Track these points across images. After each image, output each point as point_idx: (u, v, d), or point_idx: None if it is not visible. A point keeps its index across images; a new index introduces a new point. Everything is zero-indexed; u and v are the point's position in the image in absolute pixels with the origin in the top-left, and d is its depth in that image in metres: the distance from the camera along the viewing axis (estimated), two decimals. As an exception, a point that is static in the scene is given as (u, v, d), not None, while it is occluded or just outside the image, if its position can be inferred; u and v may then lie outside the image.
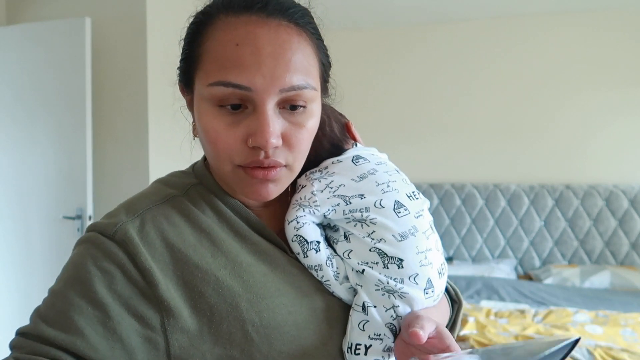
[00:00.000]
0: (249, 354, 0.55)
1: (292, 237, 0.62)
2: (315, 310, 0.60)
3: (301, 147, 0.58)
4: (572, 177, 3.31)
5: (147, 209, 0.59)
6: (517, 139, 3.40)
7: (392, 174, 0.66)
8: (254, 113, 0.55)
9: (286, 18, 0.55)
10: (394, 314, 0.59)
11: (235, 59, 0.53)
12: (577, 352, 1.98)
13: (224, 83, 0.53)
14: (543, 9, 3.24)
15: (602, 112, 3.23)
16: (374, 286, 0.60)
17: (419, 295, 0.60)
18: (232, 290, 0.56)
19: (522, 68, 3.38)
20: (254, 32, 0.53)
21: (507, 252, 3.36)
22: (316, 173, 0.67)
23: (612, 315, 2.37)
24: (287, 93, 0.54)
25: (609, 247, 3.16)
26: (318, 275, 0.62)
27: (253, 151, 0.55)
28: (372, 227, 0.61)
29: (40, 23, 2.56)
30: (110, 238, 0.55)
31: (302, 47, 0.56)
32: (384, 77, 3.62)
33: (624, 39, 3.19)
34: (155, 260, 0.55)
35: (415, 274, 0.60)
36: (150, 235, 0.57)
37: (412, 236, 0.61)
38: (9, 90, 2.61)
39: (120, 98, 2.66)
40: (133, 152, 2.64)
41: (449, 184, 3.50)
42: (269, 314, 0.56)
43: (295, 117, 0.57)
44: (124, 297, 0.53)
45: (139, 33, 2.59)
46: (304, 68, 0.56)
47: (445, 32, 3.53)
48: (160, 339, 0.54)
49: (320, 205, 0.63)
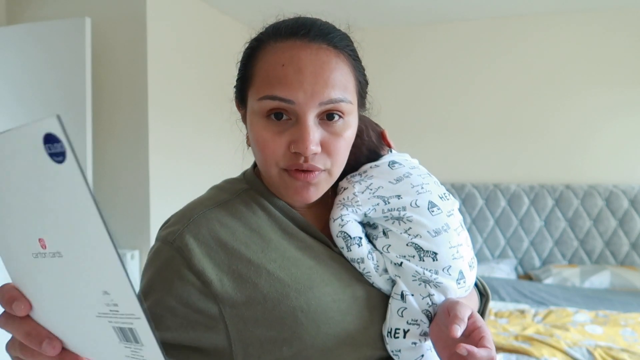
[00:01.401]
0: (299, 336, 0.62)
1: (337, 233, 0.69)
2: (357, 298, 0.66)
3: (338, 154, 0.66)
4: (572, 177, 3.31)
5: (202, 212, 0.68)
6: (517, 139, 3.40)
7: (425, 177, 0.74)
8: (296, 124, 0.63)
9: (326, 42, 0.64)
10: (430, 301, 0.66)
11: (281, 77, 0.62)
12: (577, 352, 1.98)
13: (270, 97, 0.62)
14: (543, 9, 3.24)
15: (602, 112, 3.23)
16: (411, 277, 0.66)
17: (452, 285, 0.67)
18: (282, 282, 0.64)
19: (522, 68, 3.38)
20: (298, 55, 0.62)
21: (507, 252, 3.36)
22: (356, 176, 0.74)
23: (612, 315, 2.37)
24: (325, 106, 0.62)
25: (609, 247, 3.16)
26: (360, 267, 0.68)
27: (295, 156, 0.64)
28: (409, 224, 0.68)
29: (40, 23, 2.56)
30: (170, 246, 0.65)
31: (339, 66, 0.64)
32: (383, 77, 3.62)
33: (624, 39, 3.19)
34: (210, 259, 0.64)
35: (449, 266, 0.67)
36: (205, 236, 0.65)
37: (444, 232, 0.68)
38: (9, 90, 2.61)
39: (120, 98, 2.66)
40: (133, 152, 2.64)
41: (449, 184, 3.50)
42: (316, 302, 0.63)
43: (333, 127, 0.65)
44: (184, 298, 0.63)
45: (139, 33, 2.60)
46: (341, 84, 0.64)
47: (445, 32, 3.53)
48: (221, 325, 0.63)
49: (362, 205, 0.70)
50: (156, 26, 2.64)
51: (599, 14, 3.23)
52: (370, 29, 3.64)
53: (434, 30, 3.55)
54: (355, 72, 0.68)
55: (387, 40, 3.63)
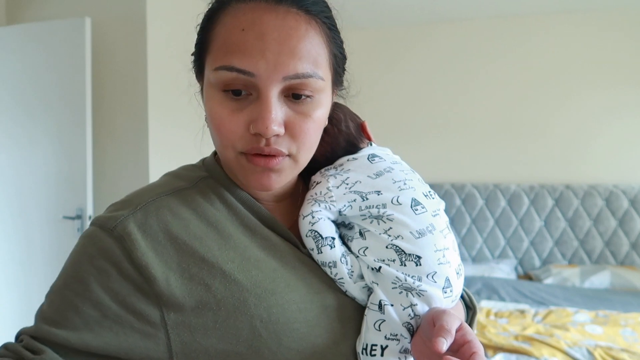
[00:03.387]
0: (257, 350, 0.54)
1: (307, 232, 0.61)
2: (326, 308, 0.58)
3: (306, 137, 0.56)
4: (572, 177, 3.31)
5: (152, 200, 0.58)
6: (517, 139, 3.40)
7: (408, 172, 0.66)
8: (257, 100, 0.54)
9: (296, 5, 0.54)
10: (412, 312, 0.58)
11: (240, 43, 0.53)
12: (577, 352, 1.98)
13: (227, 67, 0.53)
14: (543, 9, 3.24)
15: (602, 112, 3.23)
16: (391, 284, 0.58)
17: (438, 293, 0.59)
18: (240, 285, 0.55)
19: (522, 68, 3.38)
20: (261, 18, 0.53)
21: (507, 252, 3.36)
22: (331, 170, 0.66)
23: (612, 315, 2.37)
24: (291, 81, 0.53)
25: (609, 247, 3.16)
26: (332, 272, 0.60)
27: (255, 138, 0.55)
28: (389, 223, 0.60)
29: (40, 23, 2.56)
30: (108, 233, 0.54)
31: (310, 35, 0.54)
32: (383, 77, 3.62)
33: (624, 39, 3.19)
34: (157, 253, 0.54)
35: (434, 272, 0.59)
36: (153, 227, 0.56)
37: (429, 234, 0.60)
38: (9, 90, 2.61)
39: (120, 98, 2.66)
40: (133, 152, 2.64)
41: (449, 184, 3.50)
42: (278, 310, 0.55)
43: (300, 106, 0.55)
44: (121, 295, 0.53)
45: (139, 33, 2.59)
46: (311, 57, 0.54)
47: (445, 32, 3.53)
48: (161, 334, 0.53)
49: (337, 201, 0.62)
50: (156, 26, 2.64)
51: (599, 14, 3.23)
52: (370, 29, 3.64)
53: (434, 30, 3.55)
54: (330, 44, 0.58)
55: (387, 40, 3.63)
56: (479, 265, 3.23)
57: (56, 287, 0.55)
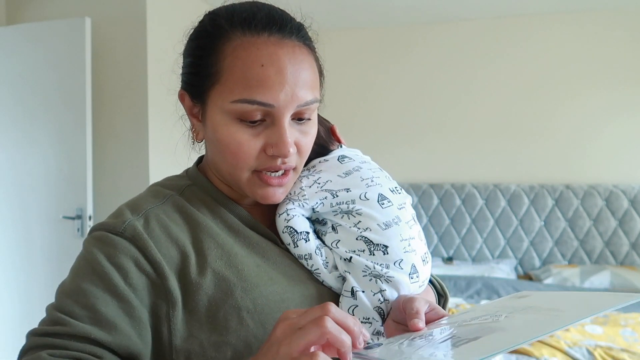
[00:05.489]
0: (245, 339, 0.58)
1: (283, 229, 0.67)
2: (306, 297, 0.64)
3: (307, 151, 0.66)
4: (572, 177, 3.31)
5: (150, 208, 0.63)
6: (517, 139, 3.40)
7: (376, 171, 0.72)
8: (272, 126, 0.60)
9: (298, 39, 0.61)
10: (382, 297, 0.64)
11: (260, 79, 0.57)
12: (577, 352, 1.98)
13: (249, 101, 0.58)
14: (543, 9, 3.24)
15: (602, 112, 3.23)
16: (361, 272, 0.65)
17: (404, 279, 0.65)
18: (227, 280, 0.60)
19: (522, 68, 3.38)
20: (277, 54, 0.58)
21: (507, 252, 3.36)
22: (304, 171, 0.72)
23: (612, 315, 2.37)
24: (301, 108, 0.60)
25: (609, 247, 3.16)
26: (308, 264, 0.66)
27: (271, 158, 0.61)
28: (358, 217, 0.66)
29: (40, 23, 2.56)
30: (120, 235, 0.59)
31: (311, 65, 0.62)
32: (383, 77, 3.62)
33: (624, 39, 3.19)
34: (162, 254, 0.59)
35: (400, 259, 0.65)
36: (155, 231, 0.61)
37: (395, 225, 0.66)
38: (8, 90, 2.61)
39: (120, 98, 2.66)
40: (133, 152, 2.64)
41: (449, 184, 3.50)
42: (263, 301, 0.60)
43: (303, 126, 0.63)
44: (139, 290, 0.57)
45: (139, 33, 2.60)
46: (314, 84, 0.62)
47: (445, 32, 3.52)
48: (165, 329, 0.58)
49: (309, 199, 0.68)
50: (156, 26, 2.64)
51: (599, 14, 3.23)
52: (370, 29, 3.64)
53: (434, 30, 3.55)
54: (319, 66, 0.65)
55: (387, 40, 3.63)
56: (479, 265, 3.23)
57: (74, 286, 0.57)
